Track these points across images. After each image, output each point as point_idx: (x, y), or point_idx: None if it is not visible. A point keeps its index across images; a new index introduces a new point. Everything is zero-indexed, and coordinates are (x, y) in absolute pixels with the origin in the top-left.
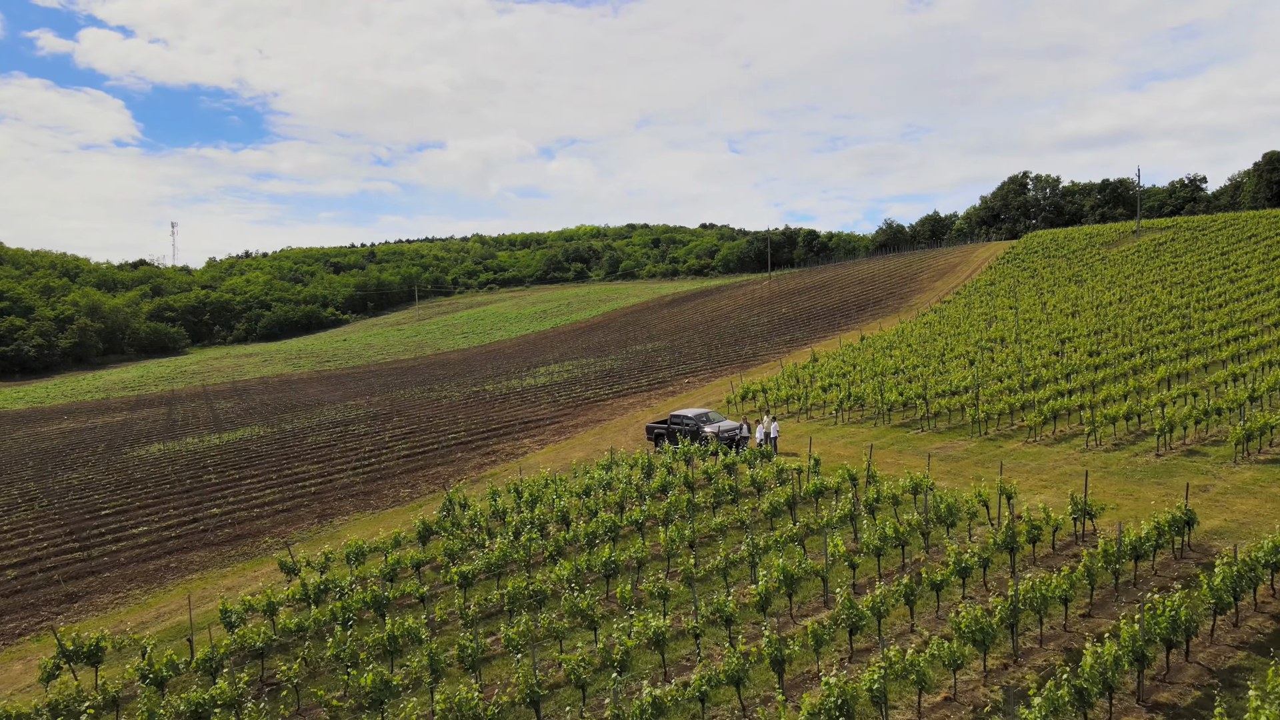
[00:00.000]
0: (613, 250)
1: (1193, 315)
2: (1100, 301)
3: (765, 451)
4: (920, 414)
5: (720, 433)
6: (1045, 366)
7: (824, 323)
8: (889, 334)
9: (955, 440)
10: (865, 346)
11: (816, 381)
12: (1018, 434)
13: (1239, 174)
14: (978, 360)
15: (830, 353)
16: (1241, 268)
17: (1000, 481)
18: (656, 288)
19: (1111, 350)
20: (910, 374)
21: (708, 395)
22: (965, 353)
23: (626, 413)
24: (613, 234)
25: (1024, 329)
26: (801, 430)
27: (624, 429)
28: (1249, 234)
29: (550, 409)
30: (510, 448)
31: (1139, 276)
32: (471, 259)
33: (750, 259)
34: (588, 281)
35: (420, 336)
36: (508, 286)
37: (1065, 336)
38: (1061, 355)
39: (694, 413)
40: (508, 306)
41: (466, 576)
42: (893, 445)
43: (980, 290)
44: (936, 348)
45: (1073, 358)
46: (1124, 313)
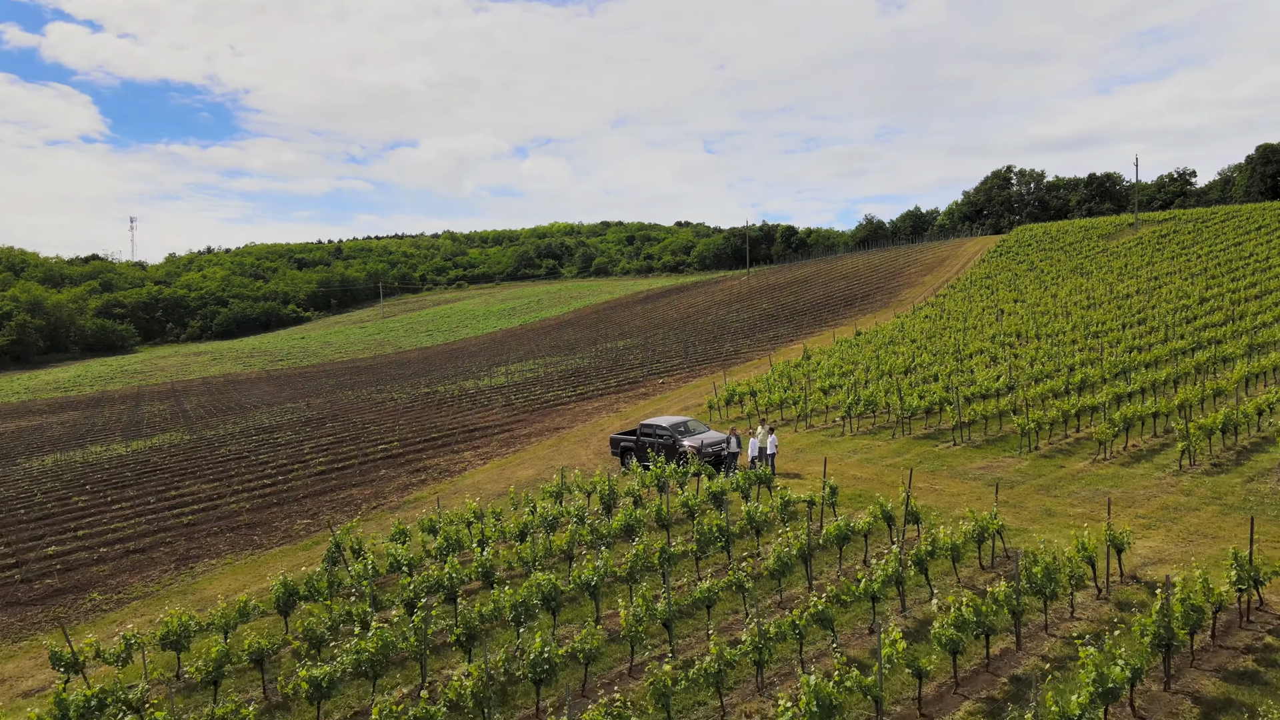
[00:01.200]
0: (586, 247)
1: (1235, 307)
2: (1117, 293)
3: (762, 475)
4: (950, 422)
5: (703, 448)
6: (1089, 364)
7: (809, 318)
8: (887, 329)
9: (1000, 458)
10: (863, 342)
11: (815, 383)
12: (1079, 449)
13: (1229, 168)
14: (1000, 356)
15: (824, 349)
16: (1262, 258)
17: (1106, 527)
18: (630, 284)
19: (1159, 345)
20: (925, 373)
21: (685, 399)
22: (984, 349)
23: (590, 419)
24: (587, 231)
25: (1041, 322)
26: (803, 443)
27: (585, 439)
28: (1256, 225)
29: (503, 414)
30: (447, 463)
31: (1151, 268)
32: (441, 256)
33: (726, 255)
34: (560, 279)
35: (383, 335)
36: (477, 284)
37: (1095, 330)
38: (1100, 352)
39: (669, 422)
40: (476, 304)
41: (319, 685)
42: (921, 463)
43: (977, 283)
44: (947, 343)
45: (1111, 353)
46: (1150, 304)
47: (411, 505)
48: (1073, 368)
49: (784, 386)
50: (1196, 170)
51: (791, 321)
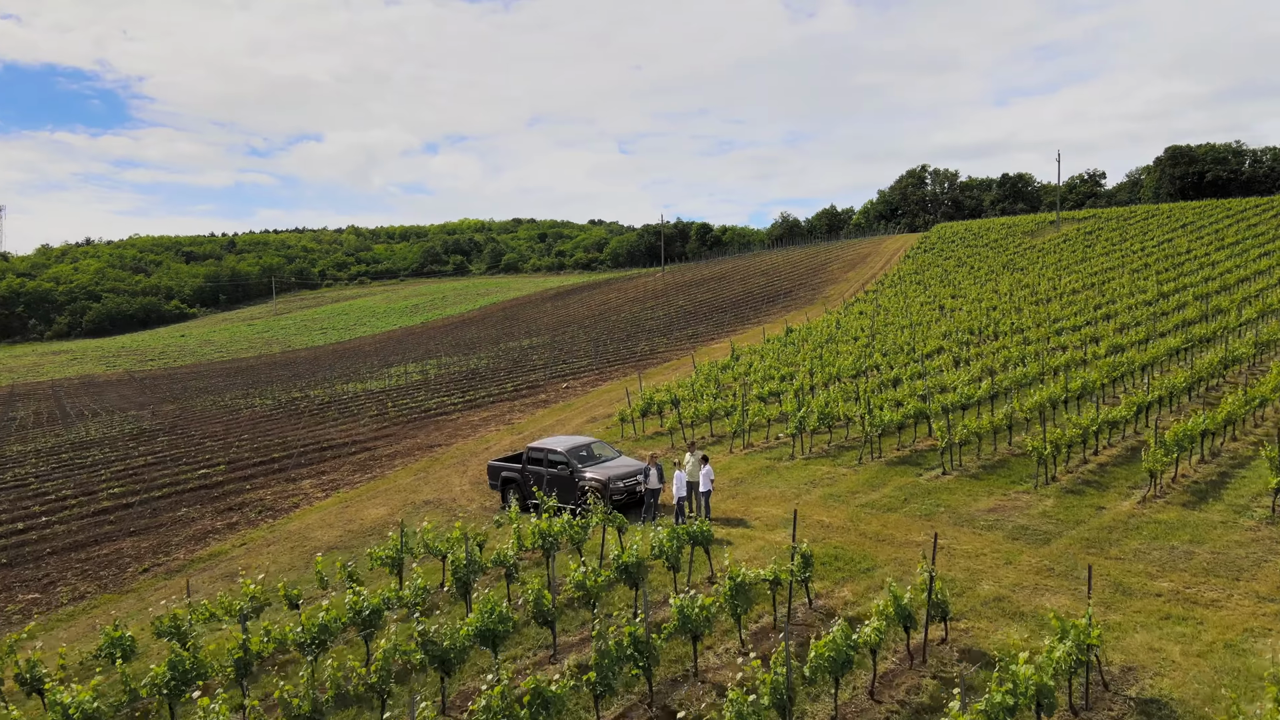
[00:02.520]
0: (496, 243)
1: (1203, 303)
2: (1063, 288)
3: (698, 534)
4: (928, 440)
5: (611, 483)
6: (1076, 365)
7: (730, 315)
8: (820, 326)
9: (1010, 492)
10: (797, 340)
11: (751, 389)
12: (1109, 480)
13: (1137, 170)
14: (963, 356)
15: (753, 348)
16: (1201, 254)
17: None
18: (541, 281)
19: (1150, 343)
20: (882, 376)
21: (592, 408)
22: (943, 348)
23: (475, 433)
24: (498, 228)
25: (994, 318)
26: (742, 469)
27: (463, 462)
28: (1181, 223)
29: (371, 426)
30: (276, 496)
31: (1088, 264)
32: (344, 251)
33: (640, 253)
34: (468, 275)
35: (272, 333)
36: (381, 280)
37: (1059, 326)
38: (1083, 350)
39: (566, 445)
40: (378, 301)
41: None
42: (908, 502)
43: (907, 279)
44: (898, 341)
45: (1095, 350)
46: (1105, 299)
47: (201, 566)
48: (1058, 370)
49: (713, 393)
50: (1106, 172)
51: (711, 319)
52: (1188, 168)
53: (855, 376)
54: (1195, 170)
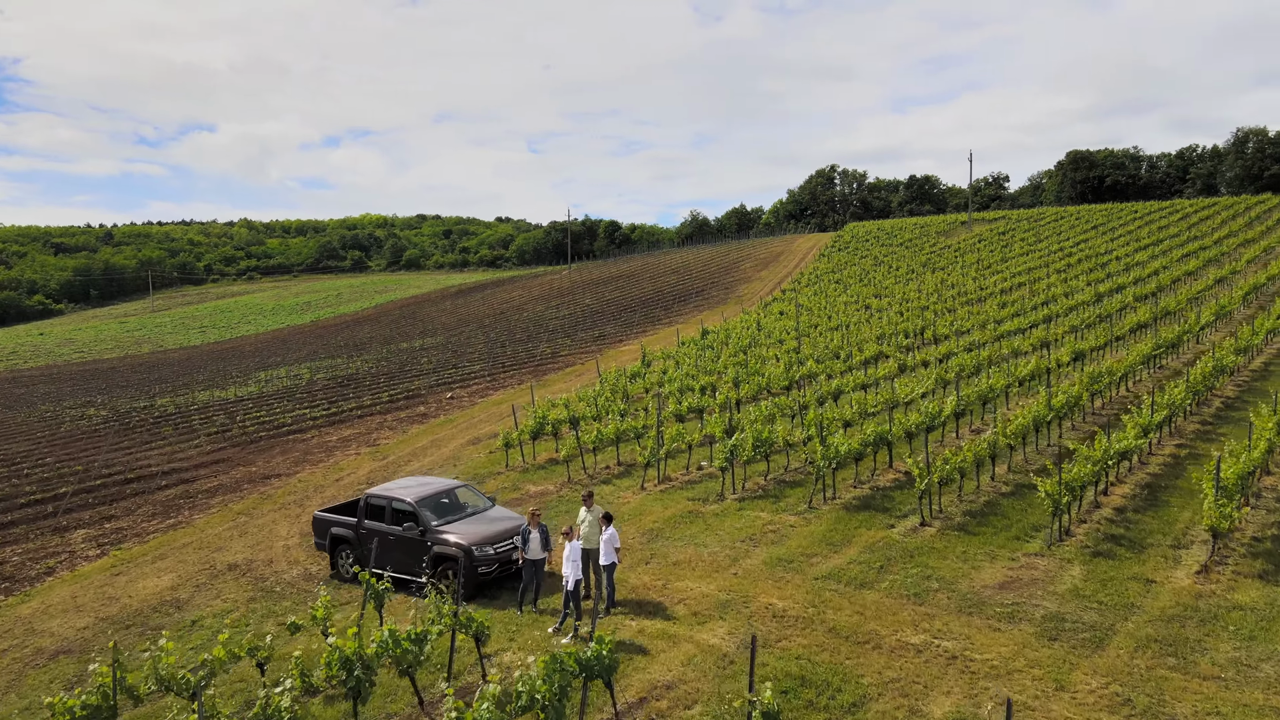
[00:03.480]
0: (397, 239)
1: (1145, 303)
2: (990, 288)
3: (596, 662)
4: (917, 482)
5: (477, 549)
6: (1045, 373)
7: (639, 315)
8: (738, 327)
9: (1020, 554)
10: (716, 344)
11: (667, 405)
12: (1144, 535)
13: (1038, 174)
14: (908, 363)
15: (666, 351)
16: (1122, 255)
17: None
18: (443, 279)
19: (1122, 348)
20: (821, 388)
21: (478, 424)
22: (885, 354)
23: (329, 458)
24: (401, 224)
25: (927, 319)
26: (658, 516)
27: (301, 501)
28: (1093, 224)
29: (207, 448)
30: (26, 556)
31: (1012, 264)
32: (233, 245)
33: (547, 251)
34: (367, 272)
35: (145, 331)
36: (272, 275)
37: (1006, 330)
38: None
39: (419, 492)
40: (267, 297)
41: None
42: (884, 574)
43: (824, 278)
44: (831, 345)
45: (1058, 359)
46: (1042, 299)
47: None
48: (1024, 380)
49: (620, 409)
50: (1009, 175)
51: (619, 319)
52: (1088, 172)
53: (789, 388)
54: (1095, 175)
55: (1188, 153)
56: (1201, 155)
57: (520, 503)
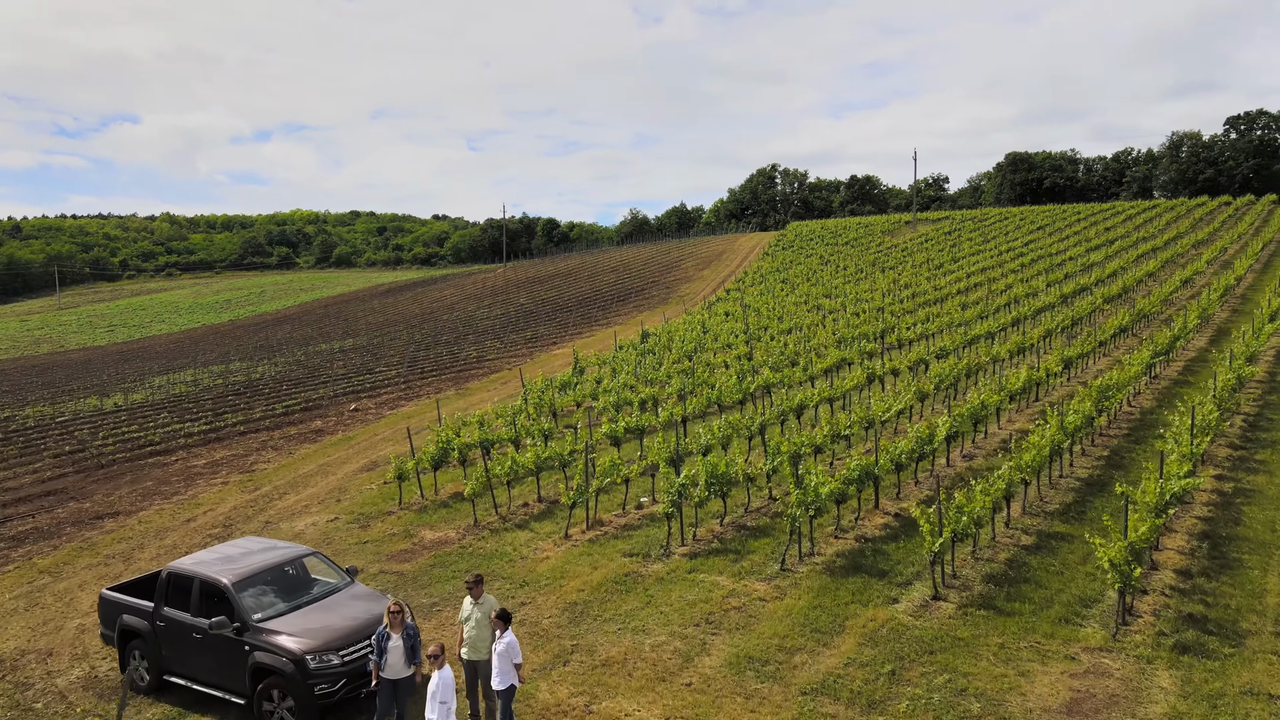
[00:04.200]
0: (328, 235)
1: (1135, 305)
2: (944, 288)
3: None
4: (909, 529)
5: (314, 656)
6: (1037, 384)
7: (576, 315)
8: (681, 329)
9: (1076, 647)
10: (657, 348)
11: (600, 423)
12: (1231, 617)
13: (977, 176)
14: (876, 371)
15: (601, 356)
16: (1076, 255)
17: None
18: (375, 277)
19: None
20: (783, 405)
21: (379, 444)
22: (848, 360)
23: (187, 490)
24: (334, 220)
25: (889, 322)
26: (584, 581)
27: (125, 559)
28: (1037, 225)
29: (43, 474)
30: None
31: (963, 264)
32: (153, 240)
33: (484, 248)
34: (295, 269)
35: (47, 330)
36: (194, 272)
37: (975, 334)
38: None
39: (241, 569)
40: (185, 295)
41: None
42: (897, 683)
43: (769, 277)
44: (787, 351)
45: (1048, 367)
46: (1004, 301)
47: None
48: (1016, 395)
49: (544, 429)
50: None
51: (554, 319)
52: (1027, 174)
53: (743, 402)
54: (1034, 177)
55: (1123, 156)
56: (1136, 159)
57: (411, 555)
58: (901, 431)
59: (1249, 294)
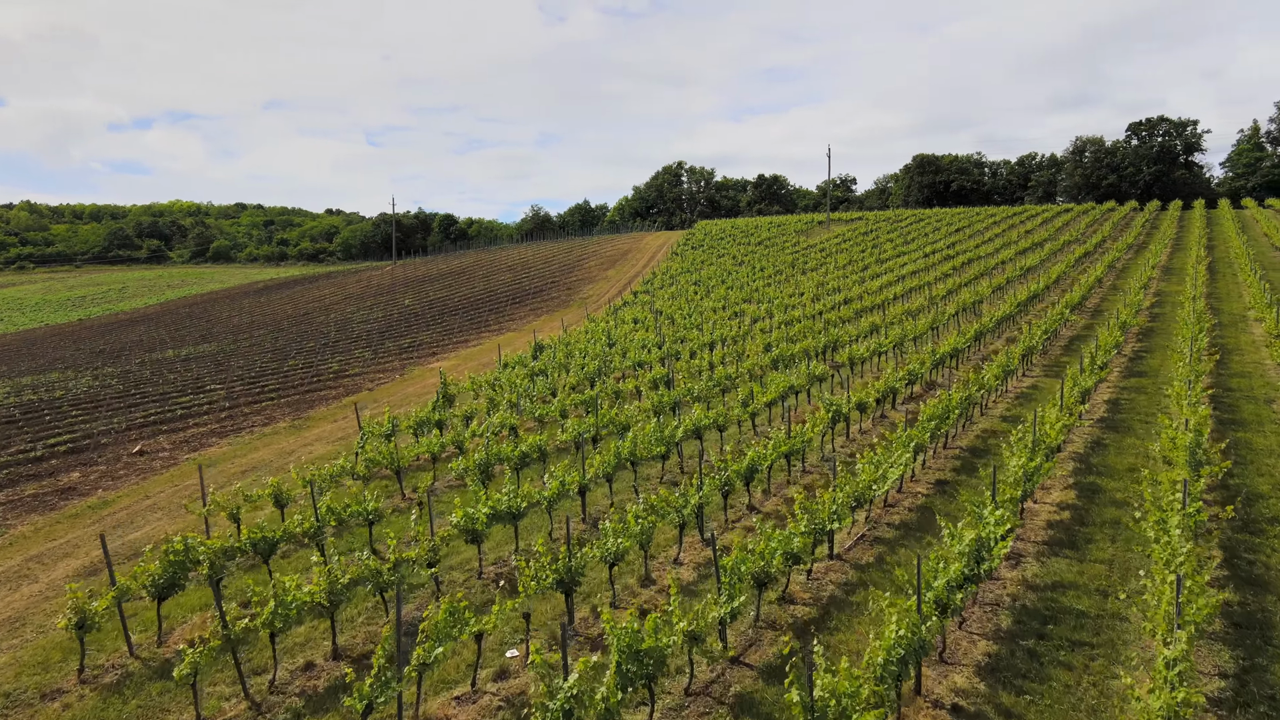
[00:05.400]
0: (207, 228)
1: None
2: (881, 294)
3: None
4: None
5: None
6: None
7: (464, 319)
8: (582, 338)
9: None
10: (551, 366)
11: (453, 509)
12: None
13: (885, 177)
14: (842, 416)
15: (475, 381)
16: (1006, 259)
17: None
18: (254, 273)
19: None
20: (732, 468)
21: (138, 518)
22: (798, 389)
23: None
24: (217, 212)
25: (834, 335)
26: None
27: None
28: (955, 226)
29: None
30: None
31: (889, 265)
32: (7, 230)
33: (376, 245)
34: (166, 263)
35: None
36: (50, 265)
37: (942, 351)
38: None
39: None
40: (35, 290)
41: None
42: None
43: (680, 279)
44: (714, 371)
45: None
46: (957, 306)
47: None
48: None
49: (367, 508)
50: (857, 178)
51: (440, 324)
52: (934, 176)
53: (666, 455)
54: (941, 179)
55: (1027, 160)
56: (1040, 164)
57: None
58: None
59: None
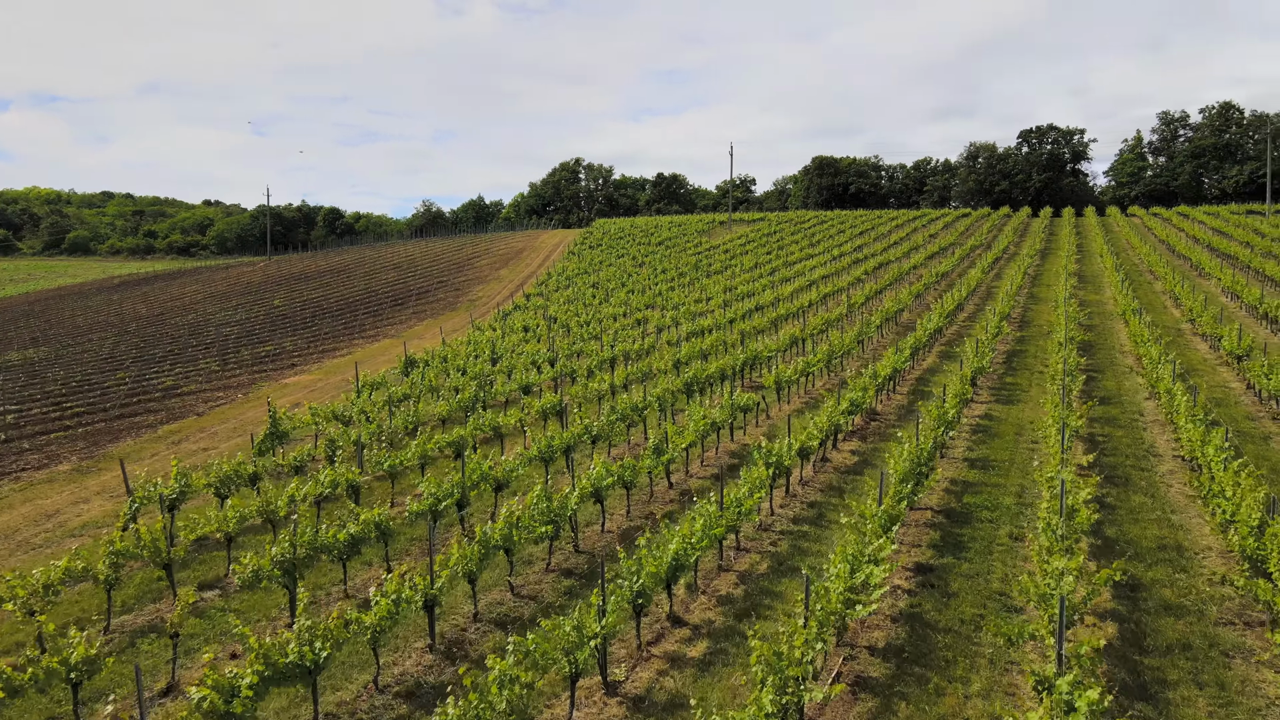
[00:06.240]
0: (64, 218)
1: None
2: (796, 299)
3: None
4: None
5: None
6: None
7: (338, 323)
8: (461, 351)
9: None
10: (419, 386)
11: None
12: None
13: (783, 178)
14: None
15: (324, 410)
16: (919, 264)
17: None
18: (115, 268)
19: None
20: (644, 566)
21: None
22: (719, 424)
23: None
24: (80, 201)
25: (754, 348)
26: None
27: None
28: (859, 229)
29: None
30: None
31: (798, 269)
32: None
33: (255, 239)
34: (14, 255)
35: None
36: None
37: (889, 368)
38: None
39: None
40: None
41: None
42: None
43: (577, 280)
44: (614, 396)
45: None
46: (885, 315)
47: None
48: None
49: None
50: (756, 179)
51: (310, 328)
52: (833, 178)
53: (555, 535)
54: (840, 181)
55: (923, 165)
56: (935, 169)
57: None
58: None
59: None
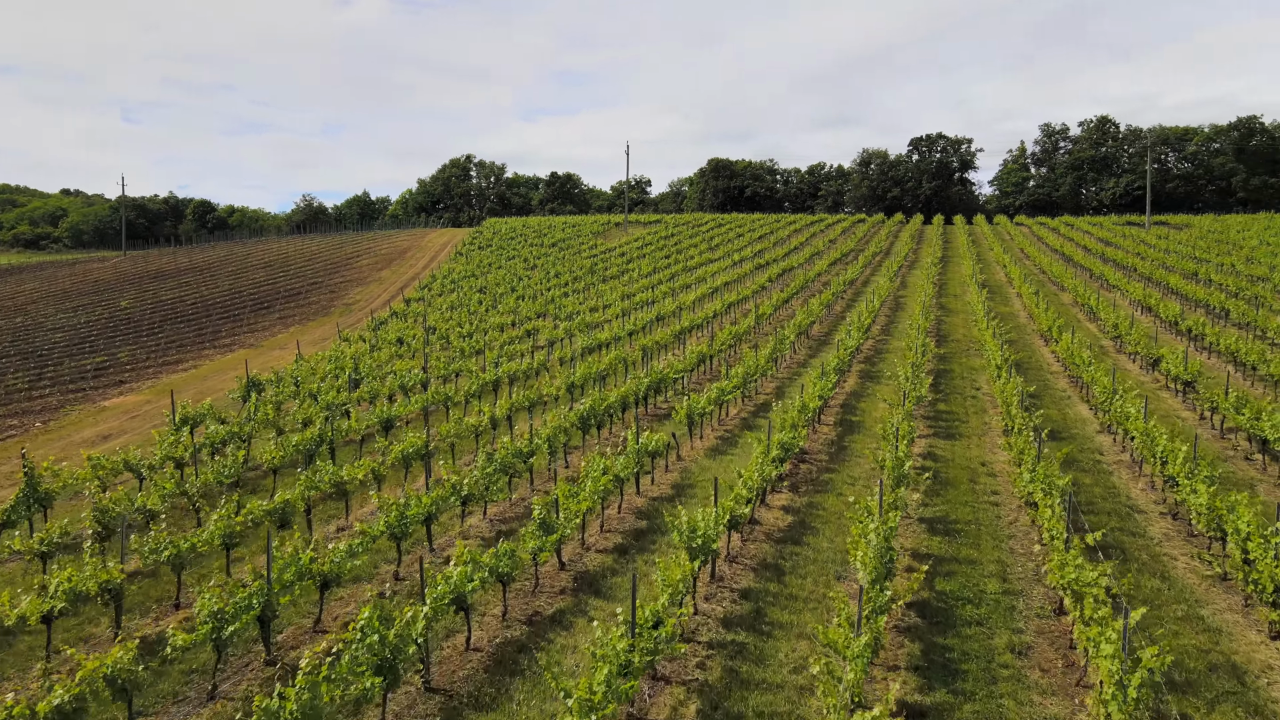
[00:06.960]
0: None
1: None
2: (694, 308)
3: None
4: None
5: None
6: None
7: (191, 329)
8: (320, 369)
9: None
10: (259, 424)
11: None
12: None
13: (679, 180)
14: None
15: (115, 459)
16: (825, 270)
17: None
18: None
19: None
20: None
21: None
22: (626, 476)
23: None
24: None
25: (659, 369)
26: None
27: None
28: (758, 234)
29: None
30: None
31: (702, 275)
32: None
33: (115, 231)
34: None
35: None
36: None
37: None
38: None
39: None
40: None
41: None
42: None
43: (463, 284)
44: (497, 443)
45: None
46: (802, 327)
47: None
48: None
49: None
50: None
51: (157, 334)
52: (729, 181)
53: (387, 688)
54: (736, 184)
55: (817, 170)
56: (829, 174)
57: None
58: None
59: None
